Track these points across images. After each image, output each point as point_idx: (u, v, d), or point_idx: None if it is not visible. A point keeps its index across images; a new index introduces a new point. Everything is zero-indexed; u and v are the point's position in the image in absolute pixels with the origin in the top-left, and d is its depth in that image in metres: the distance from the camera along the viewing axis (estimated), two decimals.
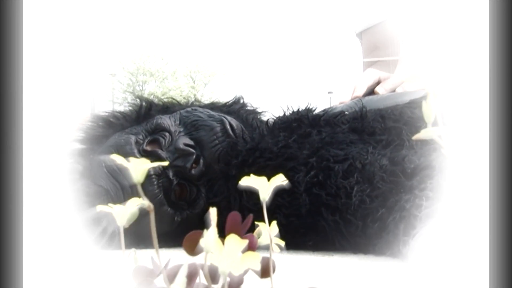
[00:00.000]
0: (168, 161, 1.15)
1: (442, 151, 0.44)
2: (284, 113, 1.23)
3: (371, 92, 1.54)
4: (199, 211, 1.16)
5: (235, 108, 1.32)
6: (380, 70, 1.61)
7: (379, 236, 0.93)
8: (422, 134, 0.44)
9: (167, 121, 1.22)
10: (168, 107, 1.31)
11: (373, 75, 1.57)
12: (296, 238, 1.03)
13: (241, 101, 1.36)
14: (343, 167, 1.02)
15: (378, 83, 1.57)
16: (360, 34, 1.81)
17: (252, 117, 1.30)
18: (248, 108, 1.35)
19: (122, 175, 1.12)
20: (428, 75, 1.52)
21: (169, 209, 1.15)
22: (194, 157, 1.15)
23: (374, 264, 0.91)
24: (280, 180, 0.44)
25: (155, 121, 1.22)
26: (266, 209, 0.44)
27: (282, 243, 0.44)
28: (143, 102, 1.31)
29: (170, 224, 1.14)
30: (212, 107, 1.32)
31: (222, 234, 0.40)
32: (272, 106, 1.36)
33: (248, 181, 0.44)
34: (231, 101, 1.36)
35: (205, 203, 1.15)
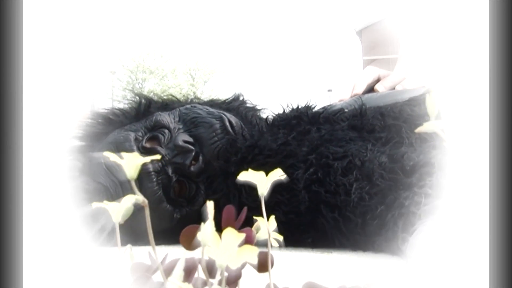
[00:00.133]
0: (167, 157, 1.15)
1: (444, 144, 0.44)
2: (284, 111, 1.23)
3: (370, 89, 1.54)
4: (198, 208, 1.16)
5: (234, 105, 1.32)
6: (379, 68, 1.61)
7: (378, 233, 0.93)
8: (425, 127, 0.44)
9: (167, 118, 1.21)
10: (168, 104, 1.31)
11: (372, 72, 1.57)
12: (295, 235, 1.03)
13: (241, 98, 1.36)
14: (342, 164, 1.02)
15: (377, 80, 1.56)
16: (360, 32, 1.82)
17: (252, 114, 1.30)
18: (248, 105, 1.35)
19: (121, 172, 1.12)
20: (427, 73, 1.52)
21: (168, 206, 1.15)
22: (193, 154, 1.15)
23: (373, 261, 0.91)
24: (278, 175, 0.44)
25: (154, 118, 1.22)
26: (265, 206, 0.44)
27: (281, 238, 0.44)
28: (142, 99, 1.31)
29: (169, 221, 1.14)
30: (212, 104, 1.32)
31: (220, 230, 0.39)
32: (271, 103, 1.36)
33: (246, 176, 0.44)
34: (231, 98, 1.36)
35: (204, 200, 1.15)
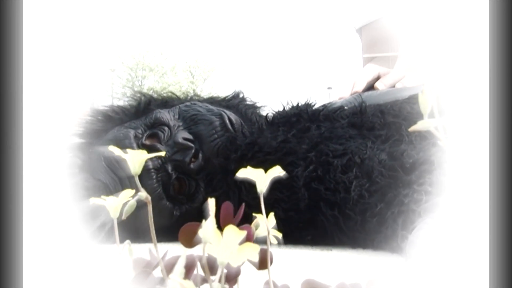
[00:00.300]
0: (166, 155, 1.15)
1: (439, 143, 0.44)
2: (284, 108, 1.23)
3: (370, 87, 1.54)
4: (198, 205, 1.16)
5: (234, 102, 1.32)
6: (379, 66, 1.61)
7: (378, 231, 0.93)
8: (419, 125, 0.45)
9: (166, 115, 1.21)
10: (167, 102, 1.31)
11: (372, 70, 1.57)
12: (295, 233, 1.03)
13: (240, 96, 1.36)
14: (342, 161, 1.02)
15: (377, 78, 1.56)
16: (360, 30, 1.81)
17: (251, 112, 1.30)
18: (247, 102, 1.35)
19: (121, 168, 1.12)
20: (427, 71, 1.52)
21: (168, 203, 1.15)
22: (193, 151, 1.15)
23: (373, 258, 0.91)
24: (277, 172, 0.44)
25: (154, 115, 1.22)
26: (264, 204, 0.44)
27: (280, 235, 0.44)
28: (142, 97, 1.31)
29: (169, 218, 1.14)
30: (211, 101, 1.32)
31: (220, 227, 0.40)
32: (271, 101, 1.36)
33: (245, 173, 0.44)
34: (230, 96, 1.36)
35: (204, 197, 1.15)
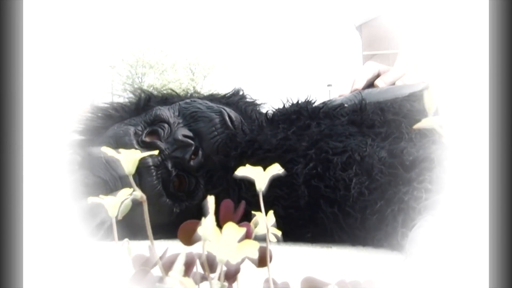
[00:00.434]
0: (166, 152, 1.15)
1: (443, 140, 0.44)
2: (284, 105, 1.23)
3: (370, 85, 1.54)
4: (198, 203, 1.16)
5: (234, 99, 1.32)
6: (379, 63, 1.60)
7: (378, 228, 0.93)
8: (423, 123, 0.44)
9: (166, 112, 1.21)
10: (167, 99, 1.31)
11: (372, 68, 1.57)
12: (295, 230, 1.03)
13: (240, 93, 1.36)
14: (342, 159, 1.02)
15: (377, 76, 1.56)
16: (360, 27, 1.80)
17: (251, 109, 1.30)
18: (247, 100, 1.34)
19: (121, 166, 1.12)
20: (427, 68, 1.52)
21: (167, 200, 1.15)
22: (193, 148, 1.15)
23: (373, 256, 0.91)
24: (276, 169, 0.44)
25: (154, 112, 1.21)
26: (264, 201, 0.44)
27: (279, 233, 0.44)
28: (142, 94, 1.30)
29: (168, 215, 1.14)
30: (211, 98, 1.31)
31: (219, 225, 0.40)
32: (271, 98, 1.35)
33: (244, 171, 0.43)
34: (230, 93, 1.35)
35: (204, 194, 1.15)
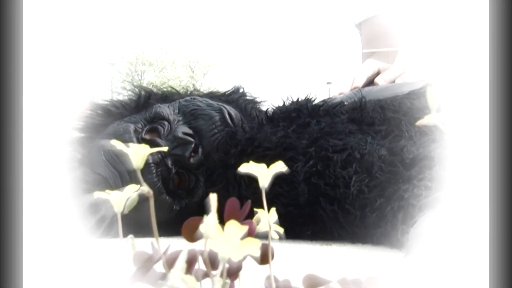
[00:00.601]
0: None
1: (445, 138, 0.44)
2: (284, 103, 1.23)
3: (370, 82, 1.54)
4: (198, 200, 1.16)
5: (234, 97, 1.32)
6: (379, 61, 1.60)
7: (377, 226, 0.93)
8: (426, 120, 0.44)
9: (166, 110, 1.21)
10: (167, 96, 1.31)
11: (372, 65, 1.57)
12: (295, 228, 1.03)
13: (240, 91, 1.36)
14: (341, 157, 1.03)
15: (377, 73, 1.56)
16: (360, 25, 1.80)
17: (251, 107, 1.30)
18: (247, 97, 1.34)
19: (121, 163, 1.12)
20: (427, 66, 1.52)
21: (167, 197, 1.15)
22: (193, 146, 1.15)
23: (372, 253, 0.91)
24: (280, 167, 0.44)
25: (154, 110, 1.22)
26: (264, 199, 0.44)
27: (281, 230, 0.45)
28: (142, 91, 1.30)
29: (168, 213, 1.14)
30: (211, 96, 1.31)
31: (220, 222, 0.40)
32: (271, 96, 1.36)
33: (248, 168, 0.44)
34: (230, 91, 1.35)
35: (204, 192, 1.16)
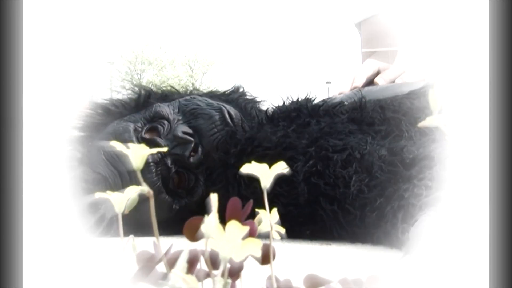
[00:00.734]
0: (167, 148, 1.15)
1: (446, 138, 0.44)
2: (284, 103, 1.23)
3: (370, 82, 1.54)
4: (197, 199, 1.16)
5: (234, 97, 1.32)
6: (379, 61, 1.60)
7: (377, 226, 0.93)
8: (427, 122, 0.44)
9: (166, 109, 1.21)
10: (167, 96, 1.31)
11: (372, 65, 1.57)
12: (294, 227, 1.03)
13: (240, 90, 1.36)
14: (341, 156, 1.03)
15: (377, 73, 1.56)
16: (359, 25, 1.80)
17: (251, 106, 1.30)
18: (247, 97, 1.34)
19: (121, 162, 1.12)
20: (427, 66, 1.52)
21: (167, 197, 1.15)
22: (193, 145, 1.15)
23: (372, 253, 0.91)
24: (281, 167, 0.44)
25: (153, 109, 1.22)
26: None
27: (283, 230, 0.45)
28: (142, 90, 1.30)
29: (168, 212, 1.14)
30: (211, 95, 1.31)
31: (220, 222, 0.40)
32: (271, 95, 1.36)
33: (249, 168, 0.43)
34: (230, 90, 1.35)
35: (204, 191, 1.16)
